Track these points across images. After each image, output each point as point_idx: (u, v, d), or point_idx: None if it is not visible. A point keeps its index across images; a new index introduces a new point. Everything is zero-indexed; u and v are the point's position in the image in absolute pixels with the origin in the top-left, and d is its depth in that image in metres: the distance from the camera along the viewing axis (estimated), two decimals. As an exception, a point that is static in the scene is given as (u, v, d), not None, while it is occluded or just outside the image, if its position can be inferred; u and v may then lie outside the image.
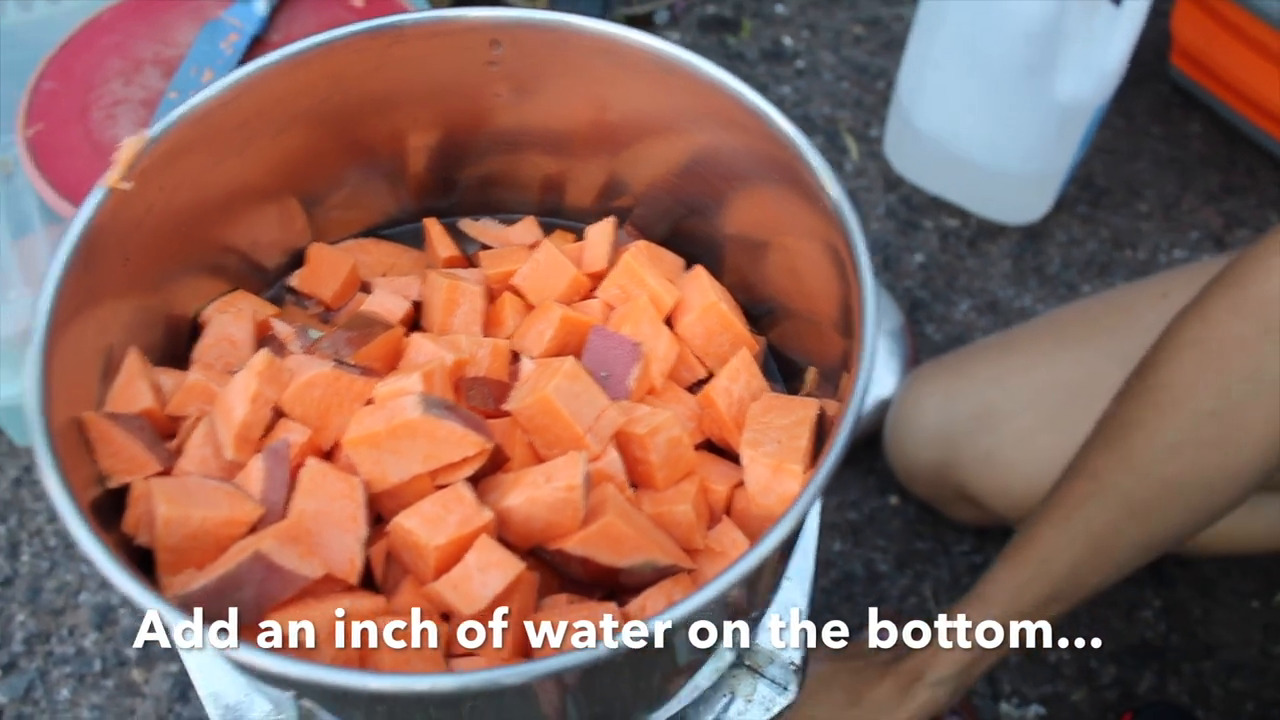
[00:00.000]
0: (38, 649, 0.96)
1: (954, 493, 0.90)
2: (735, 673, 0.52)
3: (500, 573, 0.40)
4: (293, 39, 0.52)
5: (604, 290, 0.53)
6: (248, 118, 0.51)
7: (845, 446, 0.42)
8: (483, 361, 0.49)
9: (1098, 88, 1.04)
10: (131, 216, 0.47)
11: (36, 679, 0.95)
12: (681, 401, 0.51)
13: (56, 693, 0.94)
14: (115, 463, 0.43)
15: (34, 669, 0.95)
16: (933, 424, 0.86)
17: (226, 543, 0.40)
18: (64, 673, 0.95)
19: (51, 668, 0.95)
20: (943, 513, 0.99)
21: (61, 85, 1.01)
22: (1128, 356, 0.74)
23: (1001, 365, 0.83)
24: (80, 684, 0.95)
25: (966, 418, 0.83)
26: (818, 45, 1.38)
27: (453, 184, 0.61)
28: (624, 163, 0.59)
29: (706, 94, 0.52)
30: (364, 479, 0.42)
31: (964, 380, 0.85)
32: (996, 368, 0.83)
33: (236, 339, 0.50)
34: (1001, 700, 0.97)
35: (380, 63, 0.54)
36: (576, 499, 0.41)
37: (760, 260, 0.56)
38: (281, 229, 0.57)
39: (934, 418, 0.86)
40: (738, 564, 0.37)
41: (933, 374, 0.89)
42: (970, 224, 1.22)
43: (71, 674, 0.95)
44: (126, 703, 0.94)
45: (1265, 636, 1.00)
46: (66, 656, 0.96)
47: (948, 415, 0.85)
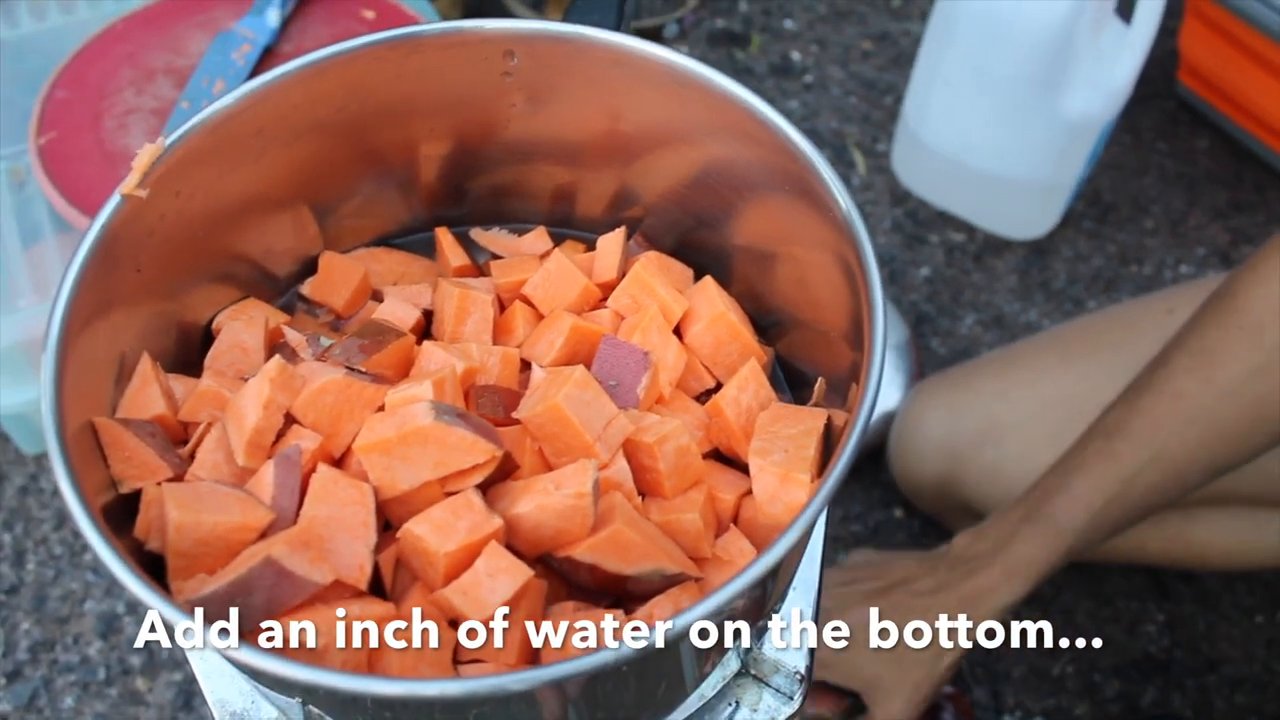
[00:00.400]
0: (42, 657, 0.96)
1: (958, 506, 0.91)
2: (740, 682, 0.52)
3: (509, 579, 0.40)
4: (304, 50, 0.52)
5: (614, 300, 0.54)
6: (263, 126, 0.52)
7: (853, 456, 0.42)
8: (493, 370, 0.49)
9: (1106, 104, 1.04)
10: (146, 224, 0.48)
11: (41, 687, 0.95)
12: (690, 411, 0.51)
13: (61, 701, 0.94)
14: (127, 468, 0.43)
15: (39, 677, 0.95)
16: (937, 437, 0.86)
17: (237, 548, 0.40)
18: (68, 681, 0.95)
19: (56, 676, 0.95)
20: (947, 526, 0.99)
21: (74, 94, 1.02)
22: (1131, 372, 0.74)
23: (1006, 380, 0.83)
24: (84, 692, 0.95)
25: (970, 432, 0.83)
26: (826, 60, 1.38)
27: (464, 193, 0.62)
28: (635, 173, 0.59)
29: (719, 106, 0.52)
30: (374, 485, 0.42)
31: (968, 394, 0.85)
32: (1001, 382, 0.83)
33: (248, 346, 0.50)
34: (1005, 714, 0.97)
35: (397, 73, 0.54)
36: (585, 506, 0.42)
37: (769, 271, 0.57)
38: (294, 237, 0.58)
39: (938, 431, 0.86)
40: (745, 572, 0.37)
41: (937, 388, 0.90)
42: (976, 239, 1.23)
43: (76, 682, 0.95)
44: (130, 711, 0.94)
45: (1269, 652, 1.00)
46: (71, 665, 0.96)
47: (952, 429, 0.85)
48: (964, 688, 0.97)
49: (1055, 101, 1.04)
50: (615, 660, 0.35)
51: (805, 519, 0.40)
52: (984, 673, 0.98)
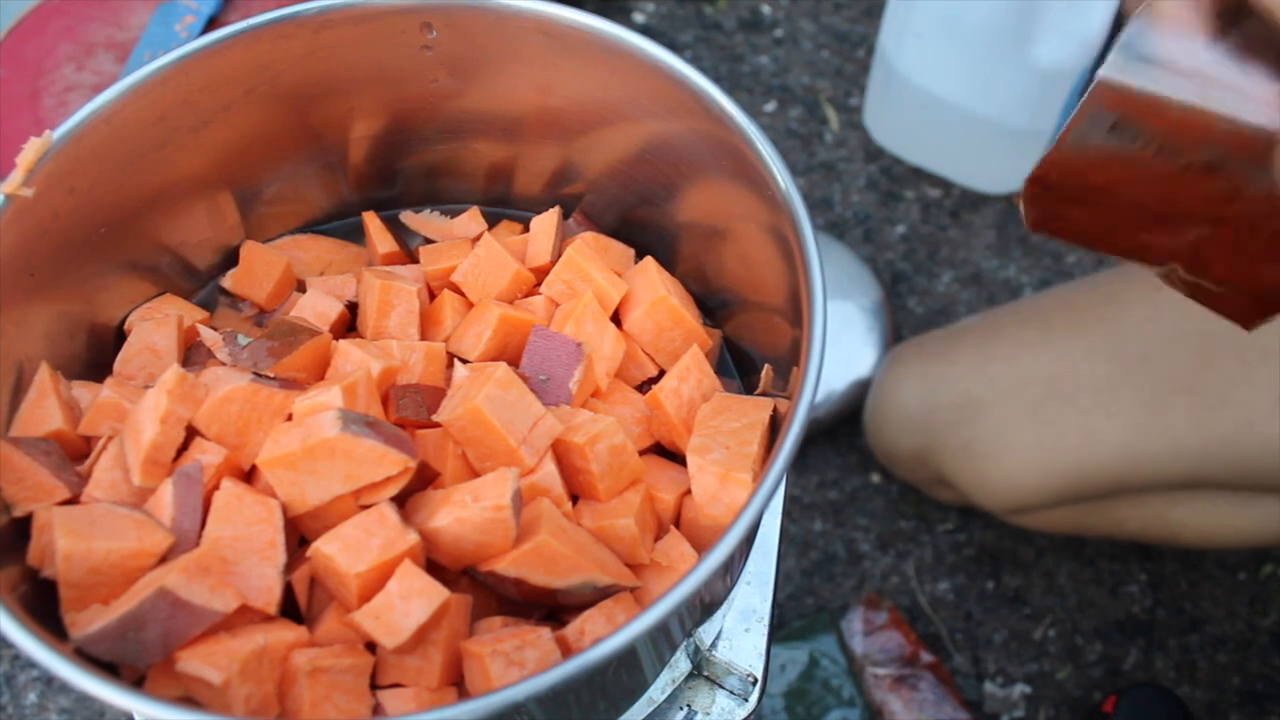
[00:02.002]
0: (3, 653, 0.94)
1: (934, 477, 0.88)
2: (692, 684, 0.49)
3: (424, 601, 0.37)
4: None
5: (548, 286, 0.51)
6: (164, 113, 0.49)
7: (793, 452, 0.39)
8: (417, 367, 0.46)
9: (1079, 53, 1.00)
10: (37, 224, 0.45)
11: (3, 683, 0.93)
12: (630, 403, 0.49)
13: (24, 697, 0.92)
14: (19, 490, 0.40)
15: (0, 674, 0.93)
16: (913, 410, 0.84)
17: (135, 575, 0.38)
18: (30, 676, 0.93)
19: (18, 671, 0.93)
20: (926, 494, 0.97)
21: (11, 71, 0.98)
22: (1114, 352, 0.72)
23: (983, 352, 0.80)
24: (48, 687, 0.93)
25: (946, 406, 0.81)
26: (796, 13, 1.34)
27: (395, 174, 0.59)
28: (572, 149, 0.56)
29: (651, 77, 0.49)
30: (283, 501, 0.40)
31: (945, 365, 0.82)
32: (978, 355, 0.80)
33: (160, 348, 0.47)
34: (986, 680, 0.95)
35: (308, 50, 0.51)
36: (505, 519, 0.39)
37: (715, 249, 0.54)
38: (211, 227, 0.54)
39: (914, 405, 0.83)
40: (674, 590, 0.34)
41: (913, 357, 0.87)
42: (952, 194, 1.19)
43: (39, 677, 0.93)
44: (95, 706, 0.92)
45: (1251, 609, 0.98)
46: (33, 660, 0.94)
47: (929, 403, 0.82)
48: (944, 655, 0.95)
49: (1027, 51, 1.01)
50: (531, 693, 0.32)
51: (744, 522, 0.38)
52: (964, 639, 0.96)
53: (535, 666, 0.39)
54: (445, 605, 0.38)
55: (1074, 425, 0.74)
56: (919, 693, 0.91)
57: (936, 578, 0.99)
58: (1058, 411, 0.73)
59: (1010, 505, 0.81)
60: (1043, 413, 0.74)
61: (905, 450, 0.87)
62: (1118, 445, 0.74)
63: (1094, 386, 0.72)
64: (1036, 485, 0.78)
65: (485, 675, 0.38)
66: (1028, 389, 0.76)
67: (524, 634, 0.39)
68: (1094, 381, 0.71)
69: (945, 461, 0.82)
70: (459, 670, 0.40)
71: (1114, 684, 0.95)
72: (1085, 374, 0.71)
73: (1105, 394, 0.73)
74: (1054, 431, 0.74)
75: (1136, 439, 0.73)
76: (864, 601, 0.95)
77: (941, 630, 0.97)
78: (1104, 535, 0.89)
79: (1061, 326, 0.77)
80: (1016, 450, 0.76)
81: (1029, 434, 0.75)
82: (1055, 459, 0.76)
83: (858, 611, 0.94)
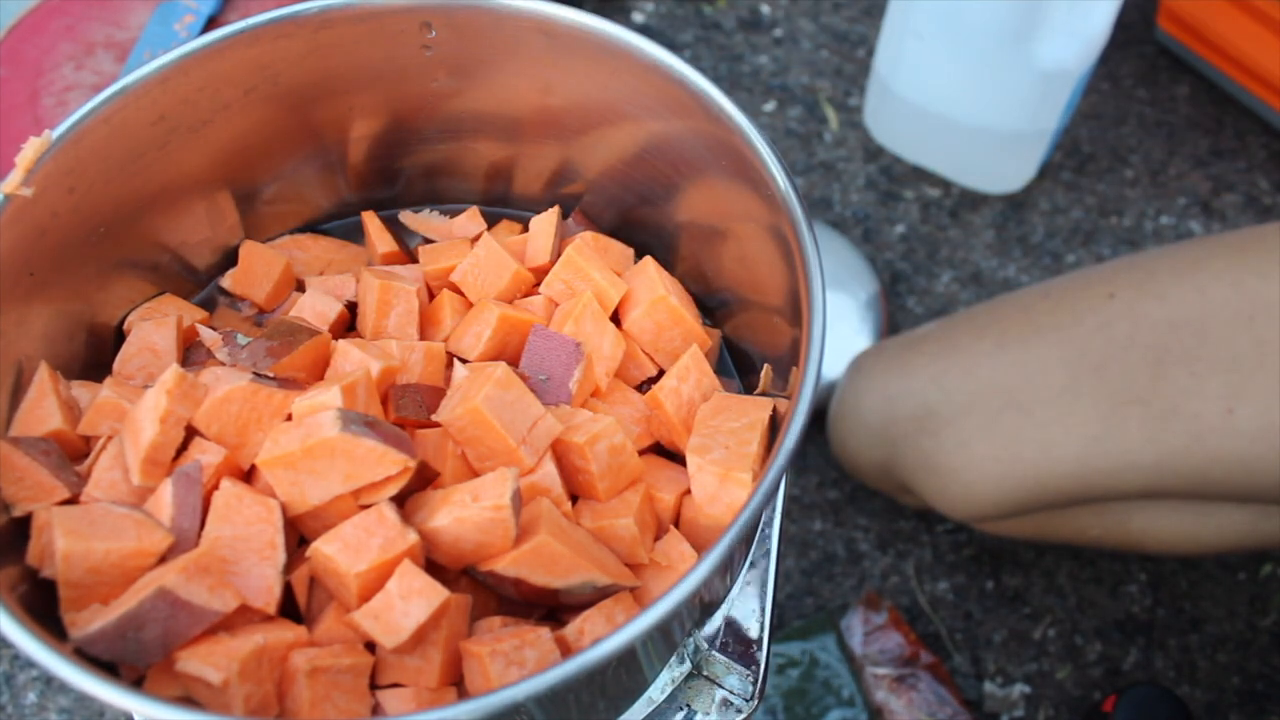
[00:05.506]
0: (3, 652, 0.94)
1: (899, 486, 0.88)
2: (692, 684, 0.49)
3: (424, 601, 0.37)
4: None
5: (547, 286, 0.51)
6: (164, 112, 0.49)
7: (793, 452, 0.40)
8: (416, 367, 0.46)
9: (1082, 53, 1.00)
10: (36, 224, 0.44)
11: (2, 683, 0.93)
12: (629, 402, 0.49)
13: (23, 696, 0.92)
14: (18, 490, 0.40)
15: (0, 673, 0.93)
16: (874, 423, 0.83)
17: (134, 575, 0.38)
18: (30, 676, 0.93)
19: (17, 671, 0.93)
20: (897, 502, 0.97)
21: (10, 71, 0.98)
22: (1068, 360, 0.71)
23: (941, 364, 0.80)
24: (48, 686, 0.93)
25: (906, 419, 0.80)
26: (796, 13, 1.34)
27: (395, 174, 0.59)
28: (572, 149, 0.56)
29: (650, 76, 0.49)
30: (282, 501, 0.40)
31: (904, 378, 0.82)
32: (936, 366, 0.80)
33: (159, 348, 0.47)
34: (986, 680, 0.95)
35: (308, 50, 0.51)
36: (505, 518, 0.39)
37: (714, 249, 0.54)
38: (211, 227, 0.54)
39: (874, 418, 0.83)
40: (672, 592, 0.34)
41: (872, 367, 0.86)
42: (952, 194, 1.19)
43: (38, 677, 0.93)
44: (95, 706, 0.92)
45: (1251, 609, 0.98)
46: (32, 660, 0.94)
47: (888, 415, 0.82)
48: (944, 655, 0.95)
49: (1029, 51, 1.01)
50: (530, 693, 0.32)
51: (743, 522, 0.38)
52: (964, 639, 0.96)
53: (535, 666, 0.39)
54: (445, 605, 0.38)
55: (1031, 438, 0.74)
56: (919, 693, 0.91)
57: (936, 577, 0.99)
58: (1015, 424, 0.73)
59: (971, 516, 0.81)
60: (1000, 425, 0.73)
61: (868, 462, 0.87)
62: (1074, 459, 0.73)
63: (1050, 399, 0.72)
64: (996, 497, 0.77)
65: (485, 675, 0.38)
66: (985, 401, 0.75)
67: (523, 634, 0.39)
68: (1050, 393, 0.71)
69: (906, 473, 0.82)
70: (458, 670, 0.40)
71: (1114, 684, 0.95)
72: (1041, 385, 0.71)
73: (1061, 406, 0.73)
74: (1011, 444, 0.74)
75: (1093, 452, 0.73)
76: (864, 601, 0.95)
77: (941, 630, 0.97)
78: (1066, 542, 0.88)
79: (1017, 337, 0.76)
80: (975, 464, 0.76)
81: (987, 447, 0.75)
82: (1014, 471, 0.75)
83: (857, 611, 0.94)
